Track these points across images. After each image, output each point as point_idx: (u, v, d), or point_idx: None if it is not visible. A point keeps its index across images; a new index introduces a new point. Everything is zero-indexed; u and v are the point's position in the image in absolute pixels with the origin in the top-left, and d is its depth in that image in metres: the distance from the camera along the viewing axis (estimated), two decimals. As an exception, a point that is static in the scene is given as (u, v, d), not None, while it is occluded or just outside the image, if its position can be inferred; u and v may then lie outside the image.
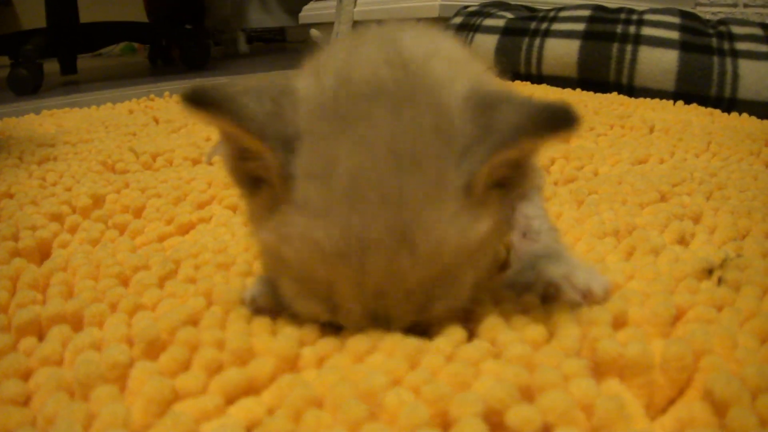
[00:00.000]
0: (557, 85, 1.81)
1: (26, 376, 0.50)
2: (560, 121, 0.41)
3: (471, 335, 0.50)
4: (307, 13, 3.61)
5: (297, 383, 0.45)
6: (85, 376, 0.47)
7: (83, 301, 0.59)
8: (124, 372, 0.48)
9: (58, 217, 0.83)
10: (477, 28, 2.08)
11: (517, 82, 1.93)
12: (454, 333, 0.49)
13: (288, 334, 0.51)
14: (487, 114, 0.44)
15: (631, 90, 1.67)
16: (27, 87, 2.38)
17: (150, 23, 4.04)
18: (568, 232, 0.76)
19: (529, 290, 0.56)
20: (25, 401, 0.48)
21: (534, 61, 1.88)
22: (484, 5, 2.18)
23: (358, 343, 0.48)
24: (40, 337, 0.55)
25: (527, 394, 0.42)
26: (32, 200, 0.90)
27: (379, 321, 0.47)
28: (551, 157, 1.08)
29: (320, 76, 0.49)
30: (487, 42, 2.02)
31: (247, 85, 0.47)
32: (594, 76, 1.75)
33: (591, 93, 1.69)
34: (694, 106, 1.54)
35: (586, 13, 1.77)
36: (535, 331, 0.49)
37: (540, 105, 0.42)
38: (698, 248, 0.72)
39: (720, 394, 0.41)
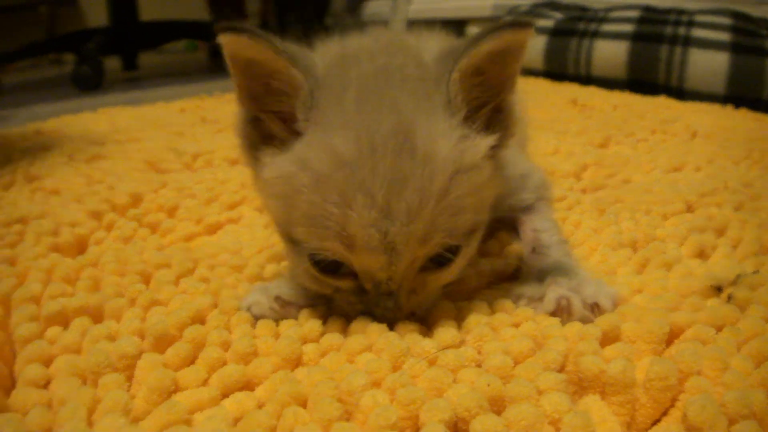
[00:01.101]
0: (605, 87, 1.79)
1: (48, 361, 0.54)
2: (512, 24, 0.49)
3: (462, 341, 0.51)
4: (367, 11, 3.64)
5: (286, 381, 0.47)
6: (95, 364, 0.51)
7: (106, 296, 0.63)
8: (132, 362, 0.52)
9: (97, 215, 0.88)
10: (526, 29, 2.06)
11: (565, 83, 1.91)
12: (444, 336, 0.50)
13: (290, 334, 0.53)
14: (454, 49, 0.52)
15: (681, 93, 1.64)
16: (89, 83, 2.49)
17: (210, 22, 4.15)
18: (585, 242, 0.76)
19: (538, 305, 0.57)
20: (45, 384, 0.52)
21: (583, 62, 1.86)
22: (534, 5, 2.16)
23: (354, 342, 0.51)
24: (66, 327, 0.60)
25: (499, 405, 0.43)
26: (76, 197, 0.95)
27: (388, 251, 0.49)
28: (584, 163, 1.07)
29: (327, 48, 0.60)
30: (537, 43, 2.00)
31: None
32: (643, 78, 1.72)
33: (638, 96, 1.66)
34: (743, 110, 1.50)
35: (636, 14, 1.74)
36: (521, 343, 0.50)
37: (502, 21, 0.50)
38: (717, 262, 0.71)
39: (693, 419, 0.41)
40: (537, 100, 1.69)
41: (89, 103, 2.05)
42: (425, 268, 0.53)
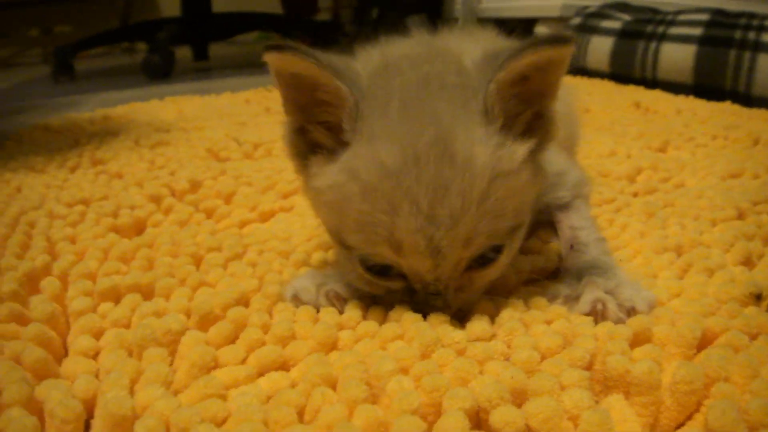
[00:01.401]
0: (671, 91, 1.75)
1: (98, 334, 0.58)
2: (551, 40, 0.50)
3: (493, 335, 0.52)
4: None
5: (318, 363, 0.49)
6: (141, 338, 0.54)
7: (157, 275, 0.66)
8: (177, 338, 0.55)
9: (156, 199, 0.92)
10: (594, 30, 2.03)
11: (631, 86, 1.87)
12: (476, 328, 0.52)
13: (327, 321, 0.56)
14: (494, 57, 0.53)
15: (748, 99, 1.58)
16: (158, 72, 2.58)
17: (282, 15, 4.23)
18: (629, 244, 0.75)
19: (574, 305, 0.57)
20: (94, 355, 0.56)
21: (649, 65, 1.82)
22: (603, 6, 2.13)
23: (387, 330, 0.53)
24: (117, 303, 0.63)
25: (522, 398, 0.44)
26: (138, 181, 1.00)
27: (434, 254, 0.51)
28: (638, 166, 1.06)
29: (369, 56, 0.62)
30: (604, 45, 1.97)
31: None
32: (710, 83, 1.67)
33: (703, 101, 1.62)
34: (813, 119, 1.44)
35: (705, 17, 1.69)
36: (550, 339, 0.50)
37: (544, 35, 0.51)
38: (762, 270, 0.69)
39: (713, 423, 0.41)
40: (600, 102, 1.67)
41: (158, 91, 2.13)
42: (471, 267, 0.54)
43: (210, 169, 1.05)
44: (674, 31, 1.75)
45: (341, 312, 0.58)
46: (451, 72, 0.55)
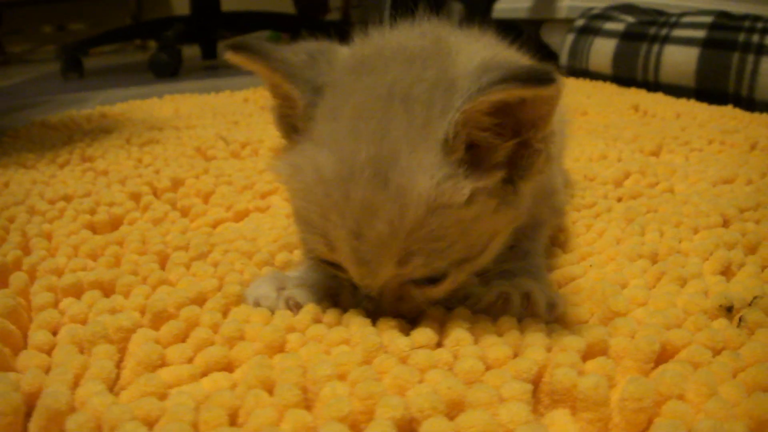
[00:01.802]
0: (673, 95, 1.72)
1: (56, 329, 0.58)
2: (527, 78, 0.44)
3: (439, 343, 0.51)
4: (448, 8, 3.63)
5: (258, 365, 0.49)
6: (92, 334, 0.54)
7: (120, 272, 0.66)
8: (128, 336, 0.55)
9: (136, 197, 0.92)
10: (597, 32, 2.01)
11: (632, 90, 1.85)
12: (421, 336, 0.51)
13: (277, 323, 0.55)
14: (482, 75, 0.47)
15: (751, 103, 1.56)
16: (165, 70, 2.60)
17: (293, 15, 4.23)
18: (604, 251, 0.74)
19: (482, 301, 0.56)
20: (50, 350, 0.55)
21: (651, 68, 1.80)
22: (607, 8, 2.10)
23: (334, 334, 0.52)
24: (79, 299, 0.63)
25: (458, 409, 0.43)
26: (121, 179, 1.00)
27: (364, 265, 0.50)
28: (626, 170, 1.04)
29: (364, 43, 0.58)
30: (606, 46, 1.95)
31: (292, 44, 0.57)
32: (712, 87, 1.64)
33: (704, 105, 1.59)
34: (815, 124, 1.41)
35: (708, 19, 1.67)
36: (498, 350, 0.49)
37: (518, 63, 0.46)
38: (740, 281, 0.68)
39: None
40: (598, 104, 1.65)
41: (165, 89, 2.14)
42: (411, 282, 0.53)
43: (194, 168, 1.05)
44: (677, 33, 1.73)
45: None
46: (427, 82, 0.50)
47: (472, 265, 0.53)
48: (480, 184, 0.49)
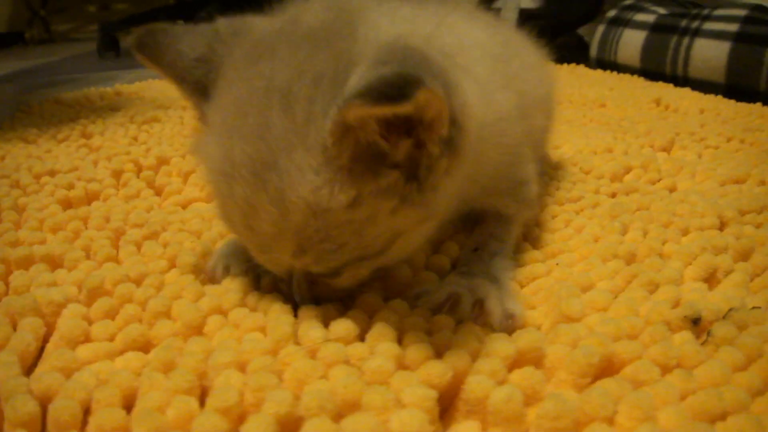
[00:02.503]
0: (701, 90, 1.64)
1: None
2: (381, 95, 0.37)
3: (358, 336, 0.49)
4: (479, -2, 3.56)
5: (165, 348, 0.47)
6: (21, 306, 0.53)
7: (71, 248, 0.65)
8: (58, 310, 0.54)
9: (118, 174, 0.92)
10: (627, 23, 1.94)
11: (660, 84, 1.77)
12: (339, 328, 0.48)
13: (200, 304, 0.53)
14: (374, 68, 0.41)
15: (785, 101, 1.48)
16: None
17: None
18: (578, 248, 0.70)
19: (430, 300, 0.53)
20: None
21: (680, 62, 1.72)
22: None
23: (251, 320, 0.50)
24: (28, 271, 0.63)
25: (351, 410, 0.40)
26: (109, 156, 1.00)
27: (264, 252, 0.49)
28: (628, 165, 0.99)
29: (276, 18, 0.53)
30: (635, 39, 1.88)
31: (202, 25, 0.54)
32: (743, 83, 1.56)
33: (732, 101, 1.51)
34: None
35: (742, 12, 1.58)
36: (417, 349, 0.46)
37: (383, 73, 0.38)
38: (722, 290, 0.63)
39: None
40: (619, 98, 1.58)
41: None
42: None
43: (183, 147, 1.04)
44: (709, 26, 1.65)
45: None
46: (311, 73, 0.44)
47: (373, 263, 0.50)
48: (368, 187, 0.44)
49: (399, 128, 0.42)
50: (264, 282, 0.56)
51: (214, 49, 0.52)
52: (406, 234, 0.49)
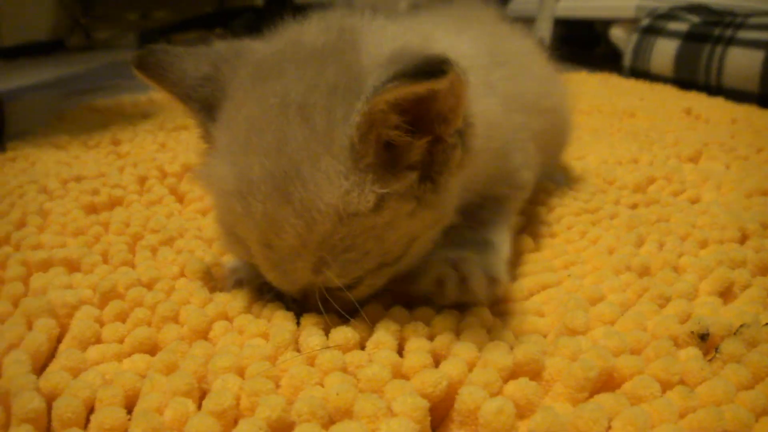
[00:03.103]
0: (734, 100, 1.61)
1: (17, 301, 0.59)
2: (414, 73, 0.40)
3: (358, 344, 0.49)
4: (513, 7, 3.56)
5: (170, 351, 0.48)
6: (37, 308, 0.55)
7: (90, 251, 0.67)
8: (72, 312, 0.56)
9: (142, 180, 0.94)
10: (660, 32, 1.91)
11: (692, 93, 1.75)
12: (338, 335, 0.49)
13: (206, 311, 0.54)
14: (393, 57, 0.44)
15: (820, 113, 1.44)
16: (229, 60, 2.65)
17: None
18: (591, 260, 0.69)
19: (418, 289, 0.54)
20: (3, 320, 0.56)
21: (714, 71, 1.69)
22: (674, 8, 1.99)
23: (254, 326, 0.51)
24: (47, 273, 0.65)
25: (345, 416, 0.41)
26: (136, 162, 1.02)
27: (280, 271, 0.49)
28: (651, 176, 0.98)
29: (275, 40, 0.55)
30: (668, 47, 1.85)
31: (202, 47, 0.55)
32: (778, 93, 1.53)
33: (766, 111, 1.48)
34: None
35: (778, 20, 1.55)
36: (413, 358, 0.46)
37: (410, 57, 0.42)
38: (739, 305, 0.62)
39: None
40: (649, 107, 1.56)
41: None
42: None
43: (208, 154, 1.06)
44: (742, 35, 1.61)
45: None
46: (325, 86, 0.46)
47: (390, 270, 0.51)
48: (391, 188, 0.46)
49: (419, 123, 0.45)
50: (270, 297, 0.56)
51: (218, 69, 0.53)
52: (420, 238, 0.51)
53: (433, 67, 0.40)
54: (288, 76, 0.48)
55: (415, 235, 0.50)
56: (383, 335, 0.49)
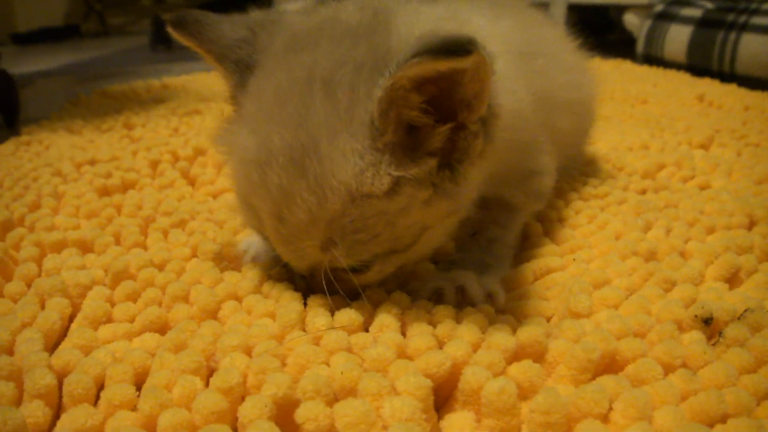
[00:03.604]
0: (748, 86, 1.60)
1: (30, 281, 0.60)
2: (439, 50, 0.40)
3: (362, 325, 0.50)
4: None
5: (179, 330, 0.49)
6: (50, 287, 0.56)
7: (103, 233, 0.69)
8: (84, 292, 0.57)
9: (155, 164, 0.95)
10: (674, 18, 1.89)
11: (705, 80, 1.73)
12: (343, 317, 0.49)
13: (216, 291, 0.55)
14: (420, 38, 0.44)
15: (835, 99, 1.42)
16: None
17: None
18: (599, 244, 0.70)
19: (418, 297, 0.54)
20: (17, 299, 0.58)
21: (727, 57, 1.68)
22: (689, -8, 1.97)
23: (262, 306, 0.52)
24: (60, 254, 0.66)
25: (350, 395, 0.42)
26: (149, 146, 1.04)
27: (289, 246, 0.49)
28: (661, 162, 0.98)
29: (312, 14, 0.55)
30: (681, 34, 1.83)
31: (243, 14, 0.55)
32: (793, 80, 1.52)
33: (781, 98, 1.47)
34: None
35: (793, 5, 1.53)
36: (418, 340, 0.47)
37: (435, 35, 0.42)
38: (745, 290, 0.62)
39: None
40: (662, 94, 1.55)
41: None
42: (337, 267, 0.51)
43: (220, 139, 1.07)
44: (756, 21, 1.60)
45: None
46: (352, 64, 0.47)
47: (400, 258, 0.51)
48: (408, 172, 0.46)
49: (442, 108, 0.45)
50: (274, 272, 0.57)
51: (255, 33, 0.53)
52: (433, 228, 0.51)
53: (458, 46, 0.40)
54: (319, 51, 0.48)
55: (428, 223, 0.50)
56: (386, 318, 0.49)
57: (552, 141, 0.70)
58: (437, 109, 0.45)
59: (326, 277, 0.50)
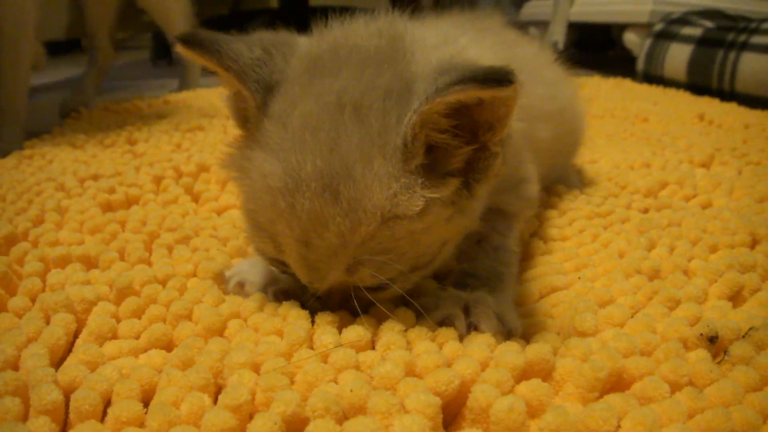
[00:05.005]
0: (748, 105, 1.61)
1: (35, 296, 0.60)
2: (484, 79, 0.43)
3: (370, 343, 0.50)
4: (527, 11, 3.56)
5: (186, 347, 0.49)
6: (55, 303, 0.56)
7: (107, 249, 0.69)
8: (89, 307, 0.57)
9: (158, 179, 0.95)
10: (674, 37, 1.91)
11: (705, 99, 1.74)
12: (352, 334, 0.49)
13: (221, 309, 0.55)
14: (438, 77, 0.45)
15: (834, 118, 1.43)
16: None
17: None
18: (602, 263, 0.70)
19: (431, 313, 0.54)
20: (21, 314, 0.57)
21: (727, 76, 1.69)
22: (688, 13, 1.99)
23: (269, 323, 0.52)
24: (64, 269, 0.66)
25: (359, 412, 0.42)
26: (152, 162, 1.04)
27: (312, 270, 0.49)
28: (664, 180, 0.98)
29: (323, 37, 0.55)
30: (681, 53, 1.85)
31: (252, 34, 0.54)
32: (792, 99, 1.53)
33: (781, 117, 1.48)
34: None
35: (792, 25, 1.55)
36: (426, 358, 0.47)
37: (475, 65, 0.45)
38: (749, 309, 0.62)
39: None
40: (662, 112, 1.56)
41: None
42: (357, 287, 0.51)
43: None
44: (756, 40, 1.61)
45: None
46: (381, 89, 0.48)
47: (420, 273, 0.52)
48: (436, 194, 0.47)
49: (464, 130, 0.47)
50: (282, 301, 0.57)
51: (270, 54, 0.52)
52: (450, 242, 0.53)
53: (502, 76, 0.42)
54: (344, 77, 0.49)
55: (447, 239, 0.52)
56: (393, 336, 0.49)
57: (533, 149, 0.72)
58: (461, 129, 0.47)
59: (342, 296, 0.50)
